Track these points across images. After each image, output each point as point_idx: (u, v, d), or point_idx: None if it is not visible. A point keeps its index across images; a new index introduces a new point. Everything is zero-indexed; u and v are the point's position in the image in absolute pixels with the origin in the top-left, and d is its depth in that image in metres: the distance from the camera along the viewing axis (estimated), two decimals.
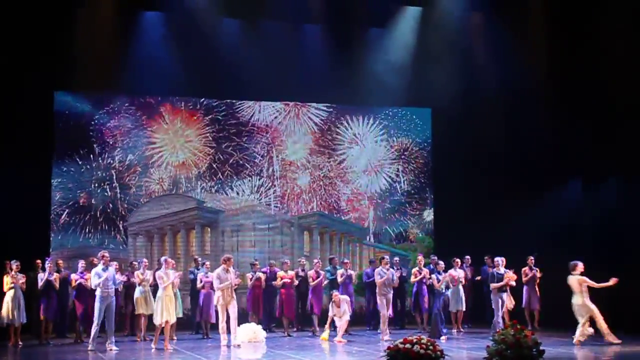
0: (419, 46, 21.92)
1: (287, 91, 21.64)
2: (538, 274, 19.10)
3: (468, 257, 20.08)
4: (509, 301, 17.98)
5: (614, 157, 19.05)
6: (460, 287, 19.12)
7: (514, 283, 17.62)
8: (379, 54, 21.88)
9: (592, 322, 15.93)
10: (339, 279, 19.15)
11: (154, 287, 16.89)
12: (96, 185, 20.47)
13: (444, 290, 17.88)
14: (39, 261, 17.56)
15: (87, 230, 20.29)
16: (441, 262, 18.46)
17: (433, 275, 18.14)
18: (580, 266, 15.99)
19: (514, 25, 20.88)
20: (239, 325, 16.86)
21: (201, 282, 17.92)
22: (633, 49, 18.49)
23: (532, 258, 19.14)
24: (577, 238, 19.96)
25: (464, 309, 19.22)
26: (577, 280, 15.89)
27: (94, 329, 15.76)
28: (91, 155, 20.47)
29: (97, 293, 15.78)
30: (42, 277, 17.13)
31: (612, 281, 15.77)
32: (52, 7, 19.31)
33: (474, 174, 21.75)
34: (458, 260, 19.28)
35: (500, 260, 17.82)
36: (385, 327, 17.30)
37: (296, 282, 18.88)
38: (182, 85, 20.75)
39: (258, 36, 20.73)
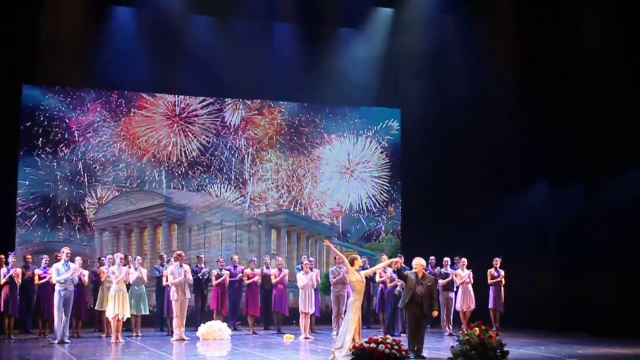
0: (390, 47, 21.96)
1: (257, 89, 21.61)
2: (503, 277, 19.11)
3: (433, 257, 19.94)
4: (462, 302, 18.40)
5: (580, 159, 19.21)
6: None
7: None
8: (350, 54, 21.87)
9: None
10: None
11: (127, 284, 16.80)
12: (63, 179, 20.27)
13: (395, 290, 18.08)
14: (2, 256, 17.32)
15: (53, 225, 20.10)
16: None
17: (387, 273, 18.41)
18: None
19: (484, 27, 21.01)
20: (203, 322, 17.30)
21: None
22: (601, 50, 18.66)
23: (499, 260, 19.18)
24: (542, 239, 20.15)
25: None
26: None
27: (56, 324, 15.82)
28: (58, 150, 20.28)
29: (56, 288, 15.88)
30: (4, 273, 16.94)
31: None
32: None
33: (442, 175, 21.85)
34: None
35: (448, 259, 19.11)
36: (337, 323, 17.52)
37: (259, 281, 18.82)
38: (151, 80, 20.66)
39: (228, 33, 20.72)
